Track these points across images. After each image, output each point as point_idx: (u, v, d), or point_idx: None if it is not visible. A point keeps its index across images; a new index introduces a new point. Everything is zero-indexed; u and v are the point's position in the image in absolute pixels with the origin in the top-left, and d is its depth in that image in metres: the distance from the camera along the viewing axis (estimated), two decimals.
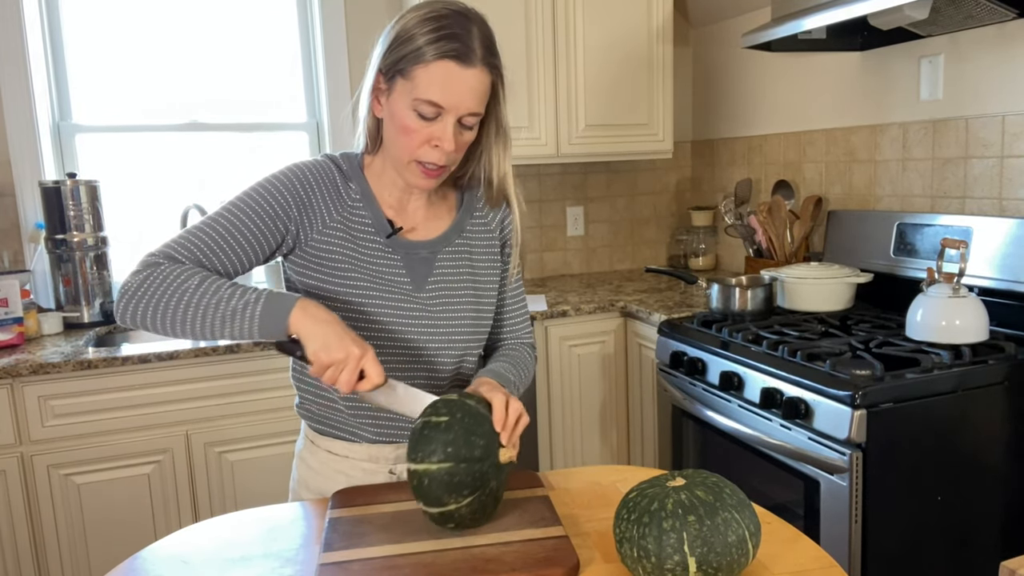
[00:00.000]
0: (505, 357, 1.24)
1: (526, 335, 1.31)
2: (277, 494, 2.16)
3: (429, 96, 1.04)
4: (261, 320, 1.01)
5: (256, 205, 1.10)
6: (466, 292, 1.21)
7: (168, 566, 0.94)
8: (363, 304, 1.14)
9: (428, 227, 1.21)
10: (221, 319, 1.01)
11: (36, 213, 2.41)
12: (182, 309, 1.01)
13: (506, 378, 1.16)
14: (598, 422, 2.51)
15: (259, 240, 1.10)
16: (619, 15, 2.67)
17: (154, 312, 1.02)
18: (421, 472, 0.93)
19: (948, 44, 2.05)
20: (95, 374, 1.97)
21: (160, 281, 1.02)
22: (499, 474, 0.97)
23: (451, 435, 0.94)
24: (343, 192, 1.16)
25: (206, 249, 1.07)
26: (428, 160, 1.09)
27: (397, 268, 1.16)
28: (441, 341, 1.19)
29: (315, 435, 1.24)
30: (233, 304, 1.01)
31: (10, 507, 1.94)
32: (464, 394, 1.02)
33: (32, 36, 2.39)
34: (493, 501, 0.97)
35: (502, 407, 1.00)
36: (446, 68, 1.03)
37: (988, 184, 1.98)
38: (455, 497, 0.92)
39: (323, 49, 2.69)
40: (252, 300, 1.01)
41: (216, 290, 1.02)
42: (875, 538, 1.54)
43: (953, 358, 1.63)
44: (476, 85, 1.06)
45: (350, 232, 1.15)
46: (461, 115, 1.07)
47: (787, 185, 2.66)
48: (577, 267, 3.15)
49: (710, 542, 0.80)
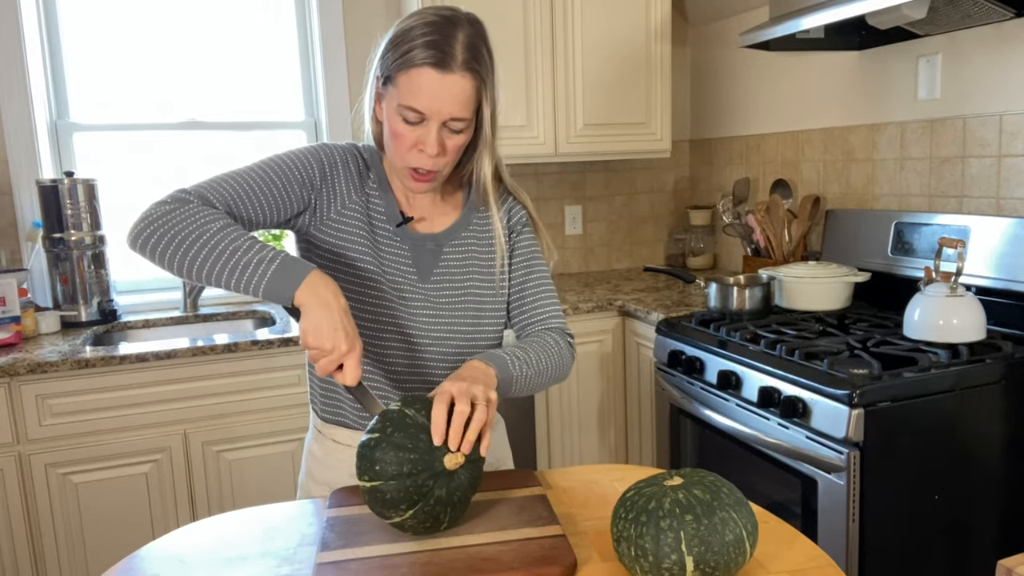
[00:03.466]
0: (524, 343, 1.20)
1: (553, 320, 1.25)
2: (275, 493, 2.15)
3: (410, 102, 1.07)
4: (271, 281, 1.01)
5: (286, 167, 1.15)
6: (470, 286, 1.22)
7: (165, 565, 0.94)
8: (369, 289, 1.16)
9: (435, 221, 1.23)
10: (232, 267, 1.01)
11: (33, 212, 2.40)
12: (197, 247, 1.01)
13: (500, 358, 1.10)
14: (596, 421, 2.52)
15: (283, 199, 1.13)
16: (617, 14, 2.67)
17: (168, 243, 1.02)
18: (363, 490, 0.94)
19: (946, 43, 2.05)
20: (93, 373, 1.96)
21: (184, 216, 1.03)
22: (448, 481, 0.94)
23: (378, 452, 0.93)
24: (364, 176, 1.20)
25: (235, 195, 1.10)
26: (416, 164, 1.11)
27: (404, 257, 1.19)
28: (443, 332, 1.20)
29: (322, 424, 1.26)
30: (249, 256, 1.01)
31: (8, 506, 1.94)
32: (409, 401, 0.98)
33: (29, 34, 2.38)
34: (447, 507, 0.94)
35: (441, 413, 0.95)
36: (425, 75, 1.06)
37: (986, 183, 1.98)
38: (395, 512, 0.92)
39: (321, 48, 2.68)
40: (268, 258, 1.02)
41: (236, 238, 1.02)
42: (872, 537, 1.54)
43: (950, 357, 1.63)
44: (457, 91, 1.07)
45: (368, 216, 1.19)
46: (444, 120, 1.08)
47: (785, 184, 2.66)
48: (575, 266, 3.15)
49: (707, 541, 0.80)
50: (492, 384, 1.05)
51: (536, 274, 1.27)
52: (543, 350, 1.18)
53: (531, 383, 1.15)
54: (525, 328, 1.26)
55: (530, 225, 1.28)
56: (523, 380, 1.13)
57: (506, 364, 1.10)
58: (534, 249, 1.27)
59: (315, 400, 1.28)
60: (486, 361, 1.09)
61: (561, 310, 1.28)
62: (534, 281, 1.26)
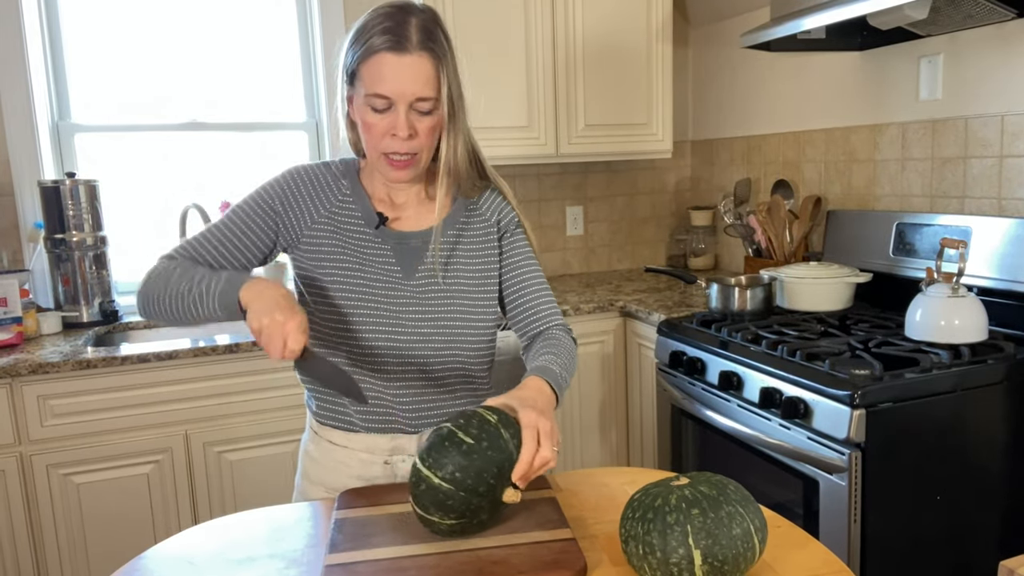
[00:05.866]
0: (549, 349, 1.21)
1: (556, 318, 1.29)
2: (277, 494, 2.16)
3: (374, 89, 1.11)
4: (220, 297, 1.08)
5: (248, 209, 1.22)
6: (457, 280, 1.23)
7: (173, 567, 0.94)
8: (354, 294, 1.19)
9: (421, 218, 1.25)
10: (193, 302, 1.10)
11: (35, 213, 2.40)
12: (167, 297, 1.12)
13: (553, 372, 1.13)
14: (597, 422, 2.52)
15: (252, 240, 1.21)
16: (619, 15, 2.67)
17: (150, 302, 1.15)
18: (423, 476, 0.93)
19: (947, 44, 2.05)
20: (94, 374, 1.96)
21: (156, 275, 1.15)
22: (494, 509, 0.96)
23: (467, 460, 0.92)
24: (333, 189, 1.24)
25: (206, 249, 1.20)
26: (392, 151, 1.14)
27: (386, 257, 1.21)
28: (430, 328, 1.21)
29: (318, 425, 1.28)
30: (203, 287, 1.10)
31: (9, 507, 1.94)
32: (506, 421, 0.97)
33: (31, 35, 2.38)
34: (478, 527, 0.96)
35: (530, 454, 0.95)
36: (383, 60, 1.10)
37: (987, 184, 1.99)
38: (440, 514, 0.92)
39: (322, 48, 2.68)
40: (216, 281, 1.10)
41: (191, 277, 1.12)
42: (874, 537, 1.55)
43: (952, 358, 1.63)
44: (417, 71, 1.10)
45: (337, 226, 1.22)
46: (410, 101, 1.12)
47: (786, 185, 2.66)
48: (576, 267, 3.15)
49: (714, 534, 0.80)
50: (553, 407, 1.09)
51: (533, 275, 1.29)
52: (567, 355, 1.22)
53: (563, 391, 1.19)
54: (529, 328, 1.28)
55: (521, 226, 1.30)
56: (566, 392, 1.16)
57: (560, 382, 1.14)
58: (528, 250, 1.30)
59: (311, 401, 1.29)
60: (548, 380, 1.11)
61: (558, 308, 1.32)
62: (532, 282, 1.29)
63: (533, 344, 1.25)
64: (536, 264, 1.30)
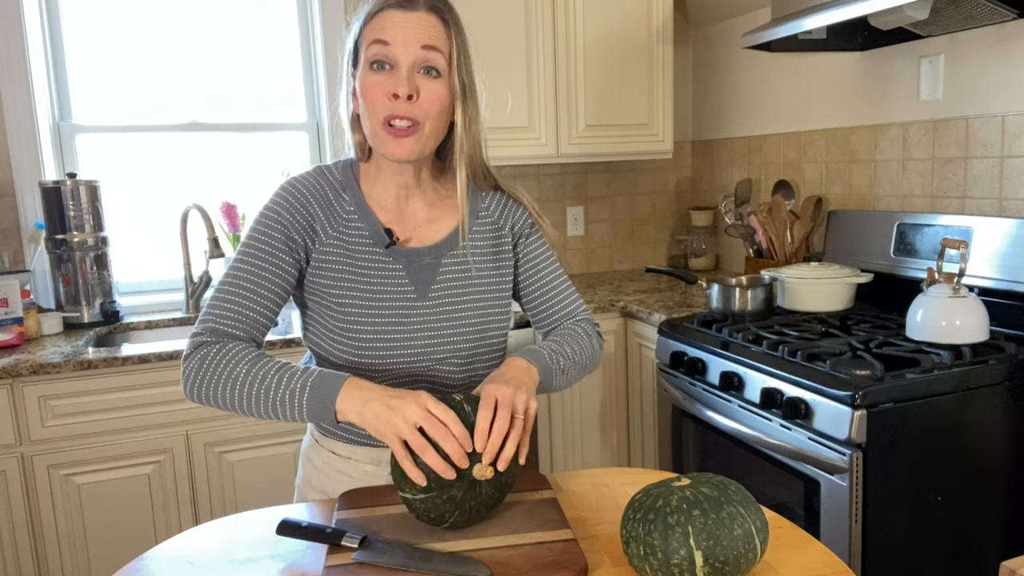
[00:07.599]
0: (553, 336, 1.20)
1: (580, 312, 1.27)
2: (277, 494, 2.16)
3: (375, 36, 1.06)
4: (310, 411, 1.01)
5: (265, 239, 1.11)
6: (472, 297, 1.19)
7: (174, 567, 0.94)
8: (368, 319, 1.13)
9: (430, 231, 1.19)
10: (272, 409, 1.03)
11: (36, 213, 2.40)
12: (237, 398, 1.04)
13: (539, 353, 1.11)
14: (598, 422, 2.52)
15: (282, 273, 1.11)
16: (619, 15, 2.67)
17: (215, 398, 1.05)
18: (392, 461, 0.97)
19: (948, 44, 2.05)
20: (95, 374, 1.96)
21: (212, 369, 1.04)
22: (469, 487, 0.95)
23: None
24: (336, 205, 1.15)
25: (240, 308, 1.08)
26: (390, 112, 1.06)
27: (399, 278, 1.15)
28: (445, 351, 1.17)
29: (319, 435, 1.24)
30: (280, 395, 1.02)
31: (10, 507, 1.94)
32: (470, 398, 0.99)
33: (32, 36, 2.38)
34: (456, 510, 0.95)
35: (485, 419, 0.94)
36: (388, 15, 1.07)
37: (988, 184, 1.99)
38: (409, 488, 0.94)
39: (323, 48, 2.68)
40: (298, 390, 1.01)
41: (263, 378, 1.02)
42: (875, 538, 1.55)
43: (953, 358, 1.63)
44: (422, 26, 1.07)
45: (347, 247, 1.14)
46: (414, 58, 1.06)
47: (787, 185, 2.66)
48: (577, 267, 3.15)
49: (716, 535, 0.80)
50: (534, 383, 1.06)
51: (554, 273, 1.28)
52: (575, 341, 1.19)
53: (569, 376, 1.17)
54: (553, 324, 1.27)
55: (535, 225, 1.27)
56: (562, 374, 1.15)
57: (546, 360, 1.11)
58: (546, 249, 1.28)
59: None
60: (528, 358, 1.09)
61: (583, 302, 1.30)
62: (554, 281, 1.27)
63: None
64: (555, 261, 1.28)
